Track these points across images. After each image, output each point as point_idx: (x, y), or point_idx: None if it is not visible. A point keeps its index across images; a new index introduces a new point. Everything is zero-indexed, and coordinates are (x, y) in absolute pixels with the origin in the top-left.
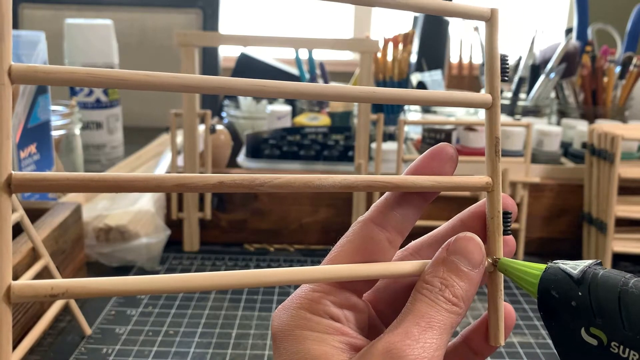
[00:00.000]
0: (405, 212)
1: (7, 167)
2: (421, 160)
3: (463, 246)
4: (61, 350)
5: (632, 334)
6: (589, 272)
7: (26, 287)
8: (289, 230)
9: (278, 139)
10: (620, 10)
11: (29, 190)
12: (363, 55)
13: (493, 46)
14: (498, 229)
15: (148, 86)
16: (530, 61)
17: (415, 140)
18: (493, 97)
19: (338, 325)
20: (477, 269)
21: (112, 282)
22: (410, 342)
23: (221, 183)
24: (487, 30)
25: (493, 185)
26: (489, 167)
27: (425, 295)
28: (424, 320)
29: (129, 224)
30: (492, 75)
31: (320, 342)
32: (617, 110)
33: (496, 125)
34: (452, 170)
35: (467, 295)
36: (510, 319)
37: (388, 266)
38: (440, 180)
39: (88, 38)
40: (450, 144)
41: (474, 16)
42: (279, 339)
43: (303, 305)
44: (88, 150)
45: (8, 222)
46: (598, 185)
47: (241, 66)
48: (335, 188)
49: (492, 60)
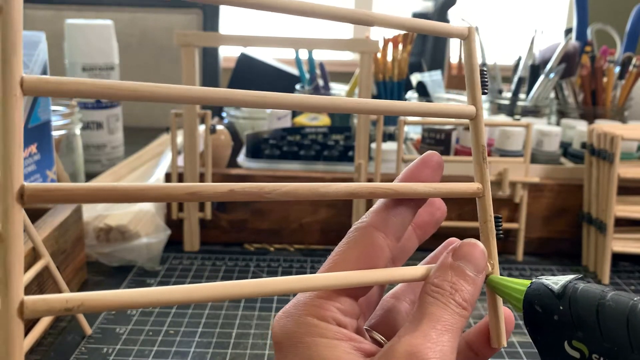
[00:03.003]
0: (403, 217)
1: (20, 178)
2: (413, 167)
3: (469, 252)
4: (62, 350)
5: (610, 346)
6: (570, 286)
7: (39, 301)
8: (289, 230)
9: (278, 139)
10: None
11: (42, 202)
12: (363, 55)
13: (472, 62)
14: (491, 232)
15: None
16: (529, 61)
17: (415, 140)
18: (477, 108)
19: (346, 331)
20: (481, 274)
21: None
22: (430, 345)
23: (232, 191)
24: (466, 47)
25: (483, 191)
26: (477, 174)
27: (437, 299)
28: (440, 323)
29: (130, 224)
30: (473, 88)
31: (333, 348)
32: (617, 111)
33: (481, 134)
34: (439, 176)
35: (472, 299)
36: (510, 323)
37: (393, 272)
38: (436, 186)
39: (88, 38)
40: (437, 153)
41: (452, 35)
42: (284, 346)
43: (310, 312)
44: (88, 150)
45: (20, 235)
46: (597, 185)
47: (241, 66)
48: (339, 195)
49: (472, 75)
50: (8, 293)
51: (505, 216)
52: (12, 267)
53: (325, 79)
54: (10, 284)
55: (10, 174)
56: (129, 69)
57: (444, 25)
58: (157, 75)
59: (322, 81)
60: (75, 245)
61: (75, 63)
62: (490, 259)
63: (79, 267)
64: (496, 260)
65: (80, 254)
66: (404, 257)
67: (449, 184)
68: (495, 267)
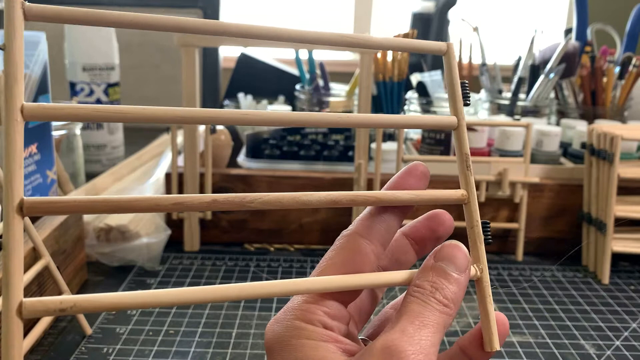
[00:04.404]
0: (387, 224)
1: (20, 193)
2: (398, 177)
3: (449, 252)
4: (62, 350)
5: None
6: None
7: (37, 302)
8: (289, 230)
9: (278, 139)
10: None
11: (39, 214)
12: (363, 55)
13: (453, 76)
14: (479, 237)
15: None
16: (529, 61)
17: (415, 140)
18: (458, 119)
19: (332, 333)
20: (464, 273)
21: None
22: (407, 339)
23: (215, 201)
24: (446, 62)
25: (469, 197)
26: (462, 181)
27: (417, 297)
28: (418, 319)
29: (130, 224)
30: (455, 101)
31: (318, 348)
32: (617, 111)
33: (464, 143)
34: (425, 185)
35: (456, 297)
36: (503, 326)
37: (379, 276)
38: (419, 193)
39: (89, 38)
40: (422, 163)
41: (432, 51)
42: (275, 351)
43: (297, 316)
44: (89, 150)
45: (20, 243)
46: (597, 185)
47: (241, 66)
48: (321, 203)
49: (453, 88)
50: (9, 294)
51: (505, 216)
52: (13, 271)
53: (325, 79)
54: (11, 286)
55: (11, 189)
56: (129, 69)
57: (423, 43)
58: (157, 76)
59: (322, 81)
60: (76, 245)
61: (75, 63)
62: (478, 264)
63: (79, 267)
64: (485, 265)
65: (80, 254)
66: (400, 269)
67: (434, 191)
68: (485, 272)
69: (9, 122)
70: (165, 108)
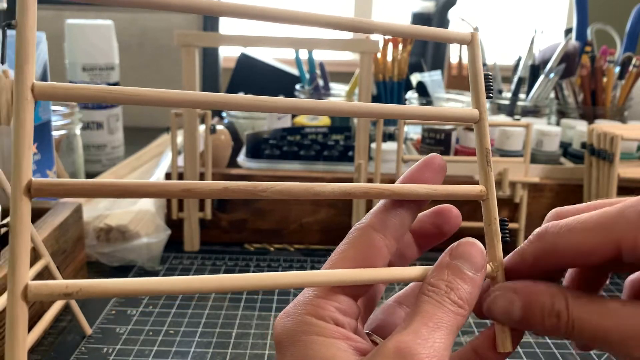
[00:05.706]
0: (401, 218)
1: (28, 174)
2: (414, 169)
3: (466, 251)
4: (62, 350)
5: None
6: None
7: (42, 285)
8: (289, 230)
9: (278, 139)
10: (619, 10)
11: (47, 195)
12: (363, 55)
13: (476, 66)
14: (496, 234)
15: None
16: (529, 61)
17: (415, 140)
18: (480, 112)
19: (343, 330)
20: (480, 272)
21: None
22: (420, 342)
23: (226, 189)
24: (470, 52)
25: (487, 193)
26: (482, 176)
27: (431, 297)
28: (432, 321)
29: (130, 224)
30: (477, 92)
31: (329, 345)
32: (617, 111)
33: (485, 138)
34: (442, 179)
35: (471, 298)
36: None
37: (392, 271)
38: (436, 188)
39: (89, 38)
40: (440, 155)
41: (456, 40)
42: (284, 345)
43: (308, 311)
44: (89, 150)
45: (28, 224)
46: (597, 186)
47: (241, 66)
48: (334, 195)
49: (476, 79)
50: (14, 276)
51: (505, 216)
52: (19, 252)
53: (325, 79)
54: (17, 268)
55: (20, 170)
56: (129, 69)
57: (447, 32)
58: (157, 76)
59: (322, 81)
60: (76, 245)
61: (76, 63)
62: (494, 262)
63: (79, 267)
64: (502, 264)
65: (80, 254)
66: (403, 264)
67: (451, 186)
68: (501, 271)
69: (20, 101)
70: (177, 91)
